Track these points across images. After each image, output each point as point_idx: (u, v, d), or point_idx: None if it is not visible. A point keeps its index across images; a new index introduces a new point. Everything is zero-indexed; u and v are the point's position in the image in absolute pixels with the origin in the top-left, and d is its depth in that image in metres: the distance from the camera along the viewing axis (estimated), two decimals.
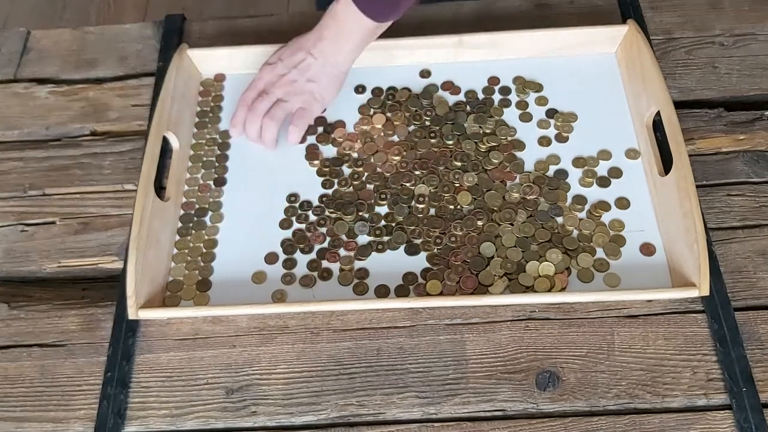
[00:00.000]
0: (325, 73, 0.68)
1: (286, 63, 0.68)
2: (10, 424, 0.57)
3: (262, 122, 0.67)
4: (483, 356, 0.57)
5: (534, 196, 0.64)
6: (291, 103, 0.68)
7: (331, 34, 0.66)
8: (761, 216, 0.63)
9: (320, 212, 0.65)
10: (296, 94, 0.68)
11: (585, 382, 0.56)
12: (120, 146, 0.72)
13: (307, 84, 0.67)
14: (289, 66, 0.68)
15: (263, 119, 0.67)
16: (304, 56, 0.67)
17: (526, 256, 0.61)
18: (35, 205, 0.69)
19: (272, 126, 0.67)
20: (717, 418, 0.54)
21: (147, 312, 0.58)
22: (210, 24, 0.80)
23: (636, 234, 0.62)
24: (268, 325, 0.60)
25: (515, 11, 0.78)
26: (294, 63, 0.67)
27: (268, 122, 0.67)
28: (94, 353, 0.60)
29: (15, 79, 0.77)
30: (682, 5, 0.77)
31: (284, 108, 0.67)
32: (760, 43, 0.74)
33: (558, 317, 0.59)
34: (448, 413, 0.55)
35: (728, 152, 0.67)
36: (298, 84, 0.67)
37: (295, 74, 0.67)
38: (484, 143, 0.67)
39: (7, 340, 0.61)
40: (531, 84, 0.71)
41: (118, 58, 0.78)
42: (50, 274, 0.65)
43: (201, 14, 1.62)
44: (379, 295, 0.60)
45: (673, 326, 0.58)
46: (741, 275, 0.60)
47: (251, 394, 0.57)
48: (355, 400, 0.56)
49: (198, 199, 0.67)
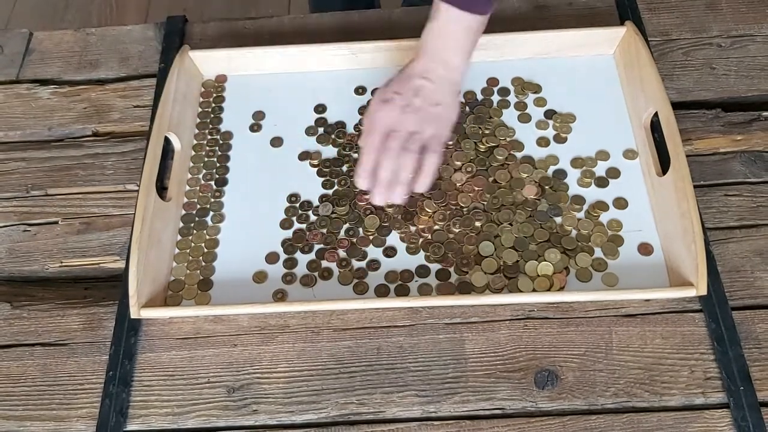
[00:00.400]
0: (445, 93, 0.62)
1: (404, 95, 0.61)
2: (13, 422, 0.57)
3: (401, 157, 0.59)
4: (482, 355, 0.58)
5: (535, 197, 0.64)
6: (424, 133, 0.61)
7: (438, 51, 0.62)
8: (758, 216, 0.63)
9: (320, 212, 0.65)
10: (426, 122, 0.61)
11: (583, 380, 0.56)
12: (122, 147, 0.72)
13: (433, 108, 0.61)
14: (408, 96, 0.61)
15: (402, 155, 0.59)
16: (420, 81, 0.62)
17: (525, 255, 0.61)
18: (38, 205, 0.69)
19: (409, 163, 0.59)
20: (714, 417, 0.54)
21: (149, 311, 0.58)
22: (211, 25, 0.80)
23: (634, 234, 0.62)
24: (269, 324, 0.60)
25: (514, 13, 0.78)
26: (413, 91, 0.61)
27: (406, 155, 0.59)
28: (97, 352, 0.60)
29: (17, 80, 0.78)
30: (680, 7, 0.78)
31: (420, 141, 0.60)
32: (758, 44, 0.74)
33: (556, 316, 0.59)
34: (447, 412, 0.56)
35: (726, 153, 0.67)
36: (424, 111, 0.61)
37: (420, 102, 0.61)
38: (483, 143, 0.68)
39: (10, 339, 0.61)
40: (530, 85, 0.72)
41: (120, 59, 0.79)
42: (53, 274, 0.65)
43: (202, 16, 1.62)
44: (379, 294, 0.60)
45: (670, 325, 0.58)
46: (738, 275, 0.60)
47: (252, 392, 0.57)
48: (355, 399, 0.56)
49: (199, 199, 0.67)
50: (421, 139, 0.61)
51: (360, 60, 0.73)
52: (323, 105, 0.72)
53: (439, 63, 0.62)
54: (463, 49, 0.63)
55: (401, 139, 0.60)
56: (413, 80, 0.62)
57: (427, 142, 0.61)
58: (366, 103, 0.72)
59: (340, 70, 0.73)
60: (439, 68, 0.62)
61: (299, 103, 0.72)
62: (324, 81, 0.73)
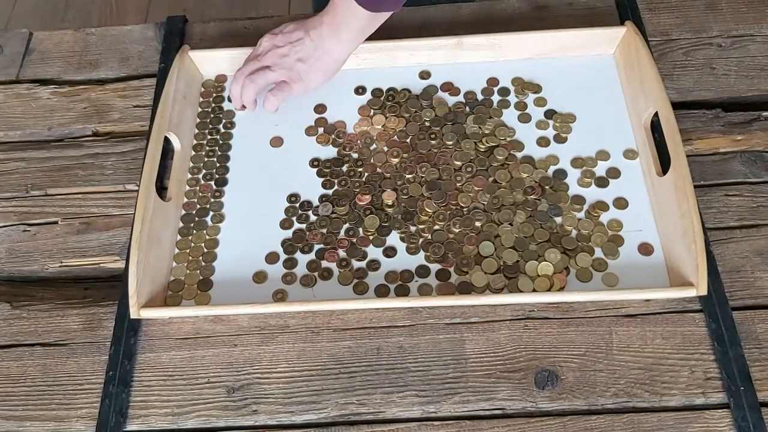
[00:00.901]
0: (316, 57, 0.69)
1: (284, 37, 0.70)
2: (13, 422, 0.57)
3: (243, 82, 0.69)
4: (482, 355, 0.57)
5: (536, 197, 0.64)
6: (275, 74, 0.69)
7: (329, 21, 0.67)
8: (759, 216, 0.63)
9: (319, 212, 0.65)
10: (282, 68, 0.69)
11: (583, 381, 0.56)
12: (122, 147, 0.72)
13: (297, 63, 0.69)
14: (285, 40, 0.69)
15: (245, 79, 0.69)
16: (302, 35, 0.69)
17: (525, 255, 0.61)
18: (37, 205, 0.69)
19: (250, 88, 0.69)
20: (715, 417, 0.54)
21: (148, 311, 0.58)
22: (211, 25, 0.80)
23: (634, 234, 0.62)
24: (269, 324, 0.60)
25: (514, 13, 0.78)
26: (291, 39, 0.69)
27: (247, 83, 0.69)
28: (96, 352, 0.60)
29: (17, 80, 0.78)
30: (680, 7, 0.78)
31: (267, 76, 0.69)
32: (758, 44, 0.74)
33: (557, 317, 0.59)
34: (447, 412, 0.56)
35: (726, 153, 0.67)
36: (288, 59, 0.69)
37: (288, 49, 0.69)
38: (483, 143, 0.68)
39: (10, 339, 0.61)
40: (530, 85, 0.72)
41: (120, 59, 0.79)
42: (52, 274, 0.65)
43: (202, 16, 1.62)
44: (379, 294, 0.60)
45: (671, 325, 0.58)
46: (739, 275, 0.60)
47: (252, 392, 0.57)
48: (355, 399, 0.56)
49: (199, 199, 0.67)
50: (269, 77, 0.70)
51: (360, 60, 0.73)
52: (323, 105, 0.72)
53: (326, 29, 0.67)
54: (351, 32, 0.67)
55: (253, 66, 0.70)
56: (298, 31, 0.69)
57: (275, 82, 0.70)
58: (366, 103, 0.72)
59: (340, 69, 0.73)
60: (324, 33, 0.68)
61: (299, 103, 0.72)
62: None
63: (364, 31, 0.68)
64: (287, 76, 0.70)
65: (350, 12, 0.65)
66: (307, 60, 0.69)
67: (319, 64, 0.69)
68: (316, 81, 0.70)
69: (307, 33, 0.68)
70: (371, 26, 0.68)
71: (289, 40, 0.69)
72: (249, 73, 0.70)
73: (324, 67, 0.69)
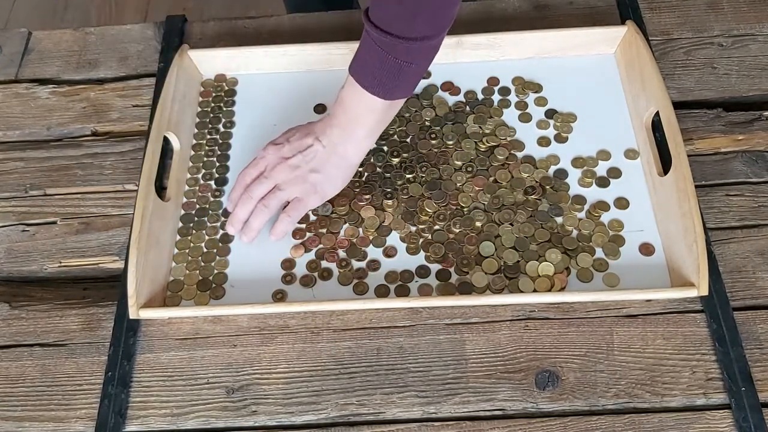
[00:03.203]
0: (331, 164, 0.62)
1: (292, 146, 0.62)
2: (11, 423, 0.57)
3: (256, 207, 0.62)
4: (482, 356, 0.57)
5: (536, 197, 0.64)
6: (288, 192, 0.62)
7: (340, 121, 0.61)
8: (760, 216, 0.63)
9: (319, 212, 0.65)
10: (295, 183, 0.62)
11: (584, 381, 0.56)
12: (121, 146, 0.72)
13: (311, 174, 0.62)
14: (294, 150, 0.62)
15: (258, 204, 0.62)
16: (312, 142, 0.62)
17: (526, 255, 0.61)
18: (36, 205, 0.69)
19: (262, 215, 0.62)
20: (716, 418, 0.54)
21: (148, 312, 0.58)
22: (211, 25, 0.80)
23: (635, 234, 0.62)
24: (269, 324, 0.60)
25: (514, 12, 0.78)
26: (300, 148, 0.62)
27: (260, 209, 0.62)
28: (95, 353, 0.60)
29: (16, 80, 0.78)
30: (681, 6, 0.77)
31: (279, 198, 0.62)
32: (759, 43, 0.74)
33: (557, 317, 0.59)
34: (447, 412, 0.55)
35: (727, 152, 0.67)
36: (301, 170, 0.62)
37: (299, 159, 0.62)
38: (483, 143, 0.68)
39: (9, 339, 0.61)
40: (530, 84, 0.71)
41: (119, 58, 0.78)
42: (51, 274, 0.65)
43: (202, 15, 1.62)
44: (379, 294, 0.60)
45: (672, 326, 0.58)
46: (740, 275, 0.60)
47: (252, 393, 0.57)
48: (355, 400, 0.56)
49: (198, 199, 0.67)
50: (281, 198, 0.62)
51: None
52: (323, 105, 0.72)
53: (338, 131, 0.61)
54: (367, 127, 0.61)
55: (265, 188, 0.62)
56: (308, 138, 0.62)
57: (289, 201, 0.62)
58: None
59: (340, 69, 0.73)
60: (336, 136, 0.61)
61: (299, 102, 0.72)
62: (324, 81, 0.73)
63: (380, 124, 0.62)
64: (300, 191, 0.62)
65: (362, 105, 0.59)
66: (322, 169, 0.62)
67: (335, 171, 0.62)
68: (333, 190, 0.63)
69: (317, 139, 0.62)
70: (387, 117, 0.62)
71: (299, 149, 0.62)
72: (259, 195, 0.62)
73: (342, 175, 0.63)
